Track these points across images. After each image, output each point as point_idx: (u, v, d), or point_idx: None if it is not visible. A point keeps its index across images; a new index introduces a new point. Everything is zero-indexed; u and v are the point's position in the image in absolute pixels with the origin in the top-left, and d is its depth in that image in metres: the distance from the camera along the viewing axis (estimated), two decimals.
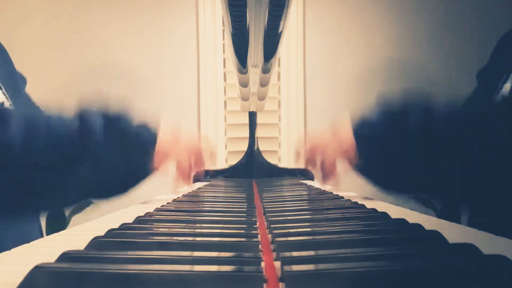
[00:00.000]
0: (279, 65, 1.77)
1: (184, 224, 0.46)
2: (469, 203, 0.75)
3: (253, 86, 1.01)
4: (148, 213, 0.54)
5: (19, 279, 0.25)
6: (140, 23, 1.77)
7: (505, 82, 0.87)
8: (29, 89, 0.98)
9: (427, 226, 0.38)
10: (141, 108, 0.74)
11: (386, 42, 1.77)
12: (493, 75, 0.93)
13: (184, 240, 0.35)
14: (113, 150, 0.70)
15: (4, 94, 0.85)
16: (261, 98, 1.19)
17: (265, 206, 0.56)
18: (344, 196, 0.72)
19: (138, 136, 0.72)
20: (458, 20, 1.75)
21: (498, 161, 0.61)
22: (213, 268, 0.26)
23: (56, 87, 1.75)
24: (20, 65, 0.98)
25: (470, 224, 0.74)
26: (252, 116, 1.35)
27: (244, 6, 0.58)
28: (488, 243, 0.34)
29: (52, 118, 0.72)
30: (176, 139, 0.78)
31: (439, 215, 1.21)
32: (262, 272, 0.25)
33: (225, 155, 1.77)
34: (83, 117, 0.70)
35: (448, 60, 1.74)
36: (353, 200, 0.64)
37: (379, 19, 1.78)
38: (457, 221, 0.49)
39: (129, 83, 1.77)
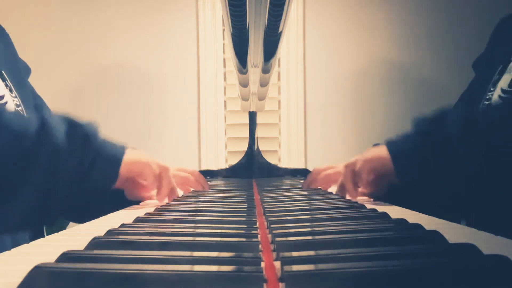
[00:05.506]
0: (279, 65, 1.77)
1: (184, 224, 0.46)
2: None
3: (253, 86, 1.01)
4: (148, 213, 0.54)
5: (19, 279, 0.25)
6: (140, 22, 1.77)
7: (501, 73, 0.87)
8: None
9: (427, 226, 0.38)
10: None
11: (386, 42, 1.77)
12: (489, 65, 0.93)
13: (184, 240, 0.35)
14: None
15: (7, 86, 0.82)
16: (261, 98, 1.19)
17: (265, 206, 0.56)
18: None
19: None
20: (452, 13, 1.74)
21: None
22: (213, 268, 0.26)
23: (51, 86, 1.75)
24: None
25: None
26: (252, 116, 1.35)
27: (244, 6, 0.58)
28: (488, 243, 0.34)
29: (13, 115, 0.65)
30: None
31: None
32: (262, 272, 0.25)
33: (225, 155, 1.77)
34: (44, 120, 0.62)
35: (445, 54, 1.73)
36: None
37: (379, 19, 1.77)
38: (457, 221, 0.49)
39: (128, 83, 1.77)
